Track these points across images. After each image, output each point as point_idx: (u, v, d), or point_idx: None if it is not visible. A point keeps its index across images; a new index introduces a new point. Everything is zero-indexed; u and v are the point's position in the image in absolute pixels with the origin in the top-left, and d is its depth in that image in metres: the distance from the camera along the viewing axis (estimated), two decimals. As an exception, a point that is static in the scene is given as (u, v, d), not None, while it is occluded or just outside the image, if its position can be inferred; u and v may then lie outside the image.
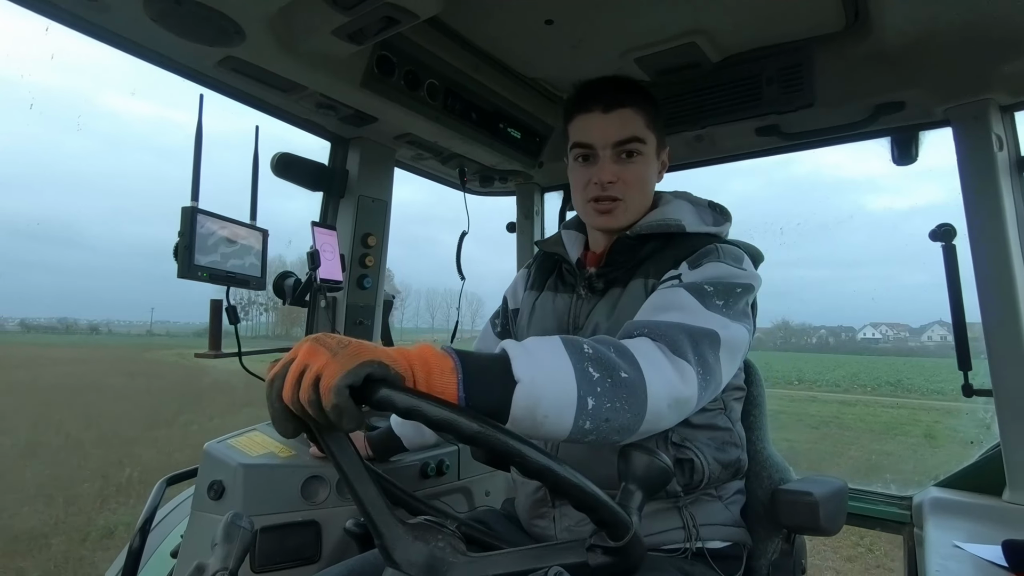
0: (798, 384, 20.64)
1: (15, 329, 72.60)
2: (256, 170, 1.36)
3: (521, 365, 0.66)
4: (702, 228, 1.06)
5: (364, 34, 1.17)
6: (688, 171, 1.87)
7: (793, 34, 1.32)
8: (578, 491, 0.54)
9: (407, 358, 0.62)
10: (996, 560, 1.01)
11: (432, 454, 1.35)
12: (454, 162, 1.85)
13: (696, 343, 0.82)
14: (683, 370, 0.78)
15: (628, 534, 0.54)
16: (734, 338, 0.88)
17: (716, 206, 1.14)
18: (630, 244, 1.07)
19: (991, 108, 1.28)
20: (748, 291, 0.95)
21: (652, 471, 0.59)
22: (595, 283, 1.10)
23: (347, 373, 0.56)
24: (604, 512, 0.54)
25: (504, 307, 1.31)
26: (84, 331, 70.90)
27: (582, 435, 0.69)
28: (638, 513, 0.56)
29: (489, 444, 0.53)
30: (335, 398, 0.55)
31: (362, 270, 1.70)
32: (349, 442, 0.62)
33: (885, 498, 1.53)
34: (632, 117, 1.04)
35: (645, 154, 1.06)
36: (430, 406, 0.55)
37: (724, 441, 1.03)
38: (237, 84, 1.35)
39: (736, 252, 1.00)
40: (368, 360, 0.57)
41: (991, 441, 1.39)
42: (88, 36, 1.16)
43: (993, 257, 1.28)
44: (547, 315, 1.15)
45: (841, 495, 1.08)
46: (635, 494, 0.57)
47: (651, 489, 0.59)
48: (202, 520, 1.13)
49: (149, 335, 67.45)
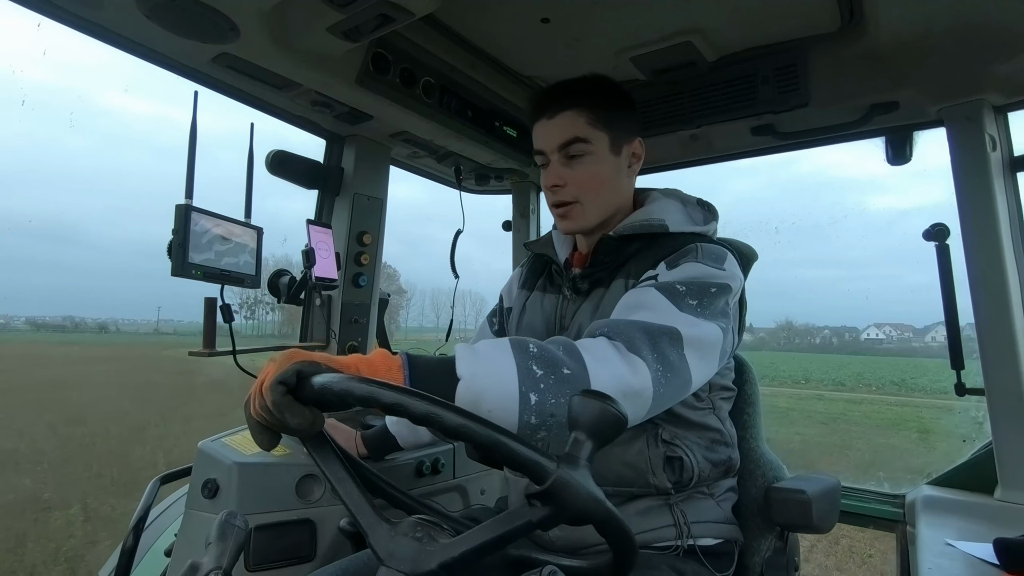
0: (805, 383, 21.15)
1: (23, 327, 71.96)
2: (251, 168, 1.35)
3: (464, 364, 0.71)
4: (687, 228, 1.05)
5: (359, 31, 1.16)
6: (684, 170, 1.88)
7: (788, 34, 1.32)
8: (493, 442, 0.53)
9: (354, 360, 0.68)
10: (988, 558, 1.02)
11: (427, 453, 1.35)
12: (450, 160, 1.84)
13: (654, 340, 0.82)
14: (634, 364, 0.78)
15: (549, 475, 0.52)
16: (703, 336, 0.88)
17: (705, 204, 1.13)
18: (614, 245, 1.06)
19: (984, 108, 1.28)
20: (724, 291, 0.94)
21: (604, 419, 0.56)
22: (579, 284, 1.10)
23: (280, 372, 0.62)
24: (520, 458, 0.53)
25: (500, 305, 1.32)
26: (92, 329, 70.34)
27: (531, 431, 0.72)
28: (586, 463, 0.54)
29: (407, 409, 0.54)
30: (271, 395, 0.61)
31: (357, 268, 1.70)
32: (329, 444, 0.65)
33: (878, 496, 1.54)
34: (573, 118, 1.03)
35: (593, 153, 1.04)
36: (355, 383, 0.57)
37: (714, 440, 1.04)
38: (232, 81, 1.34)
39: (717, 251, 0.99)
40: (301, 360, 0.63)
41: (983, 439, 1.40)
42: (81, 33, 1.15)
43: (986, 257, 1.29)
44: (535, 315, 1.15)
45: (834, 493, 1.09)
46: (584, 444, 0.55)
47: (602, 438, 0.56)
48: (196, 519, 1.13)
49: (156, 333, 66.97)
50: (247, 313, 21.23)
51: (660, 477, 0.97)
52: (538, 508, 0.54)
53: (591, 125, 1.04)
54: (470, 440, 0.54)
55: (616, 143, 1.07)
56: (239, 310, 21.33)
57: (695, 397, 1.00)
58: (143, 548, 1.36)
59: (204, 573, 0.59)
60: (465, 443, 0.56)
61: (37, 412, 8.92)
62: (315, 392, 0.60)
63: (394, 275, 23.86)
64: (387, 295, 1.86)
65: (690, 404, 1.00)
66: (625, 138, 1.08)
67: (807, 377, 23.17)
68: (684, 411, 1.00)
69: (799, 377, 23.03)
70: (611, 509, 0.54)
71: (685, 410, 1.00)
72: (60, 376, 14.36)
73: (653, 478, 0.97)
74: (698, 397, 1.02)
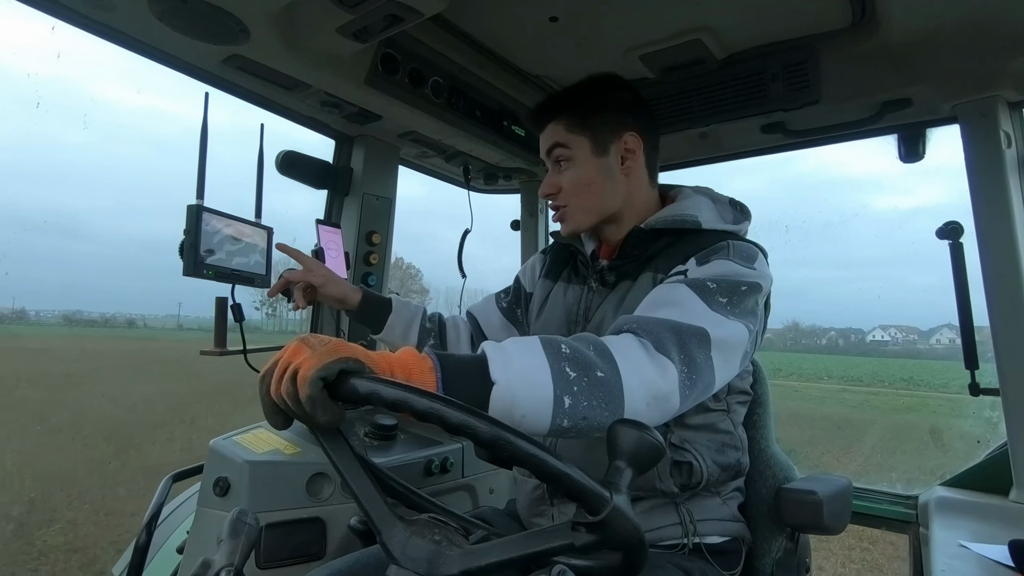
0: (828, 379, 24.76)
1: (58, 321, 72.56)
2: (261, 168, 1.36)
3: (498, 367, 0.69)
4: (719, 225, 1.04)
5: (368, 32, 1.17)
6: (684, 170, 1.86)
7: (799, 31, 1.31)
8: (550, 468, 0.53)
9: (387, 359, 0.65)
10: (1002, 560, 1.01)
11: (436, 451, 1.35)
12: (458, 160, 1.85)
13: (683, 341, 0.81)
14: (663, 367, 0.77)
15: (606, 506, 0.52)
16: (730, 337, 0.86)
17: (737, 204, 1.12)
18: (644, 237, 1.06)
19: (999, 105, 1.27)
20: (755, 290, 0.93)
21: (642, 447, 0.56)
22: (607, 276, 1.10)
23: (322, 367, 0.59)
24: (575, 486, 0.53)
25: (516, 286, 1.32)
26: (122, 325, 70.85)
27: (562, 433, 0.71)
28: (627, 491, 0.54)
29: (475, 432, 0.53)
30: (308, 389, 0.59)
31: (366, 268, 1.70)
32: (344, 440, 0.64)
33: (890, 497, 1.52)
34: (554, 129, 1.09)
35: (574, 158, 1.08)
36: (407, 393, 0.56)
37: (724, 444, 1.03)
38: (242, 82, 1.35)
39: (749, 250, 0.98)
40: (344, 356, 0.60)
41: (997, 440, 1.39)
42: (93, 35, 1.17)
43: (1001, 255, 1.27)
44: (557, 306, 1.15)
45: (845, 494, 1.08)
46: (624, 471, 0.55)
47: (641, 466, 0.56)
48: (208, 516, 1.14)
49: (180, 329, 67.20)
50: (269, 311, 21.31)
51: (667, 482, 0.97)
52: (582, 534, 0.54)
53: (568, 131, 1.08)
54: (507, 452, 0.53)
55: (599, 144, 1.07)
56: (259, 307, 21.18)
57: (712, 399, 0.99)
58: (155, 545, 1.37)
59: (216, 571, 0.60)
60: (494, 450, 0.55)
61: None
62: (357, 395, 0.58)
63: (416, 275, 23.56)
64: (396, 294, 1.86)
65: (705, 406, 0.99)
66: (610, 138, 1.08)
67: (828, 375, 26.75)
68: (697, 414, 0.99)
69: (822, 375, 26.63)
70: (644, 539, 0.54)
71: (699, 412, 0.99)
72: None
73: (660, 483, 0.96)
74: (716, 399, 1.01)
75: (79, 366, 15.50)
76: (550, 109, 1.11)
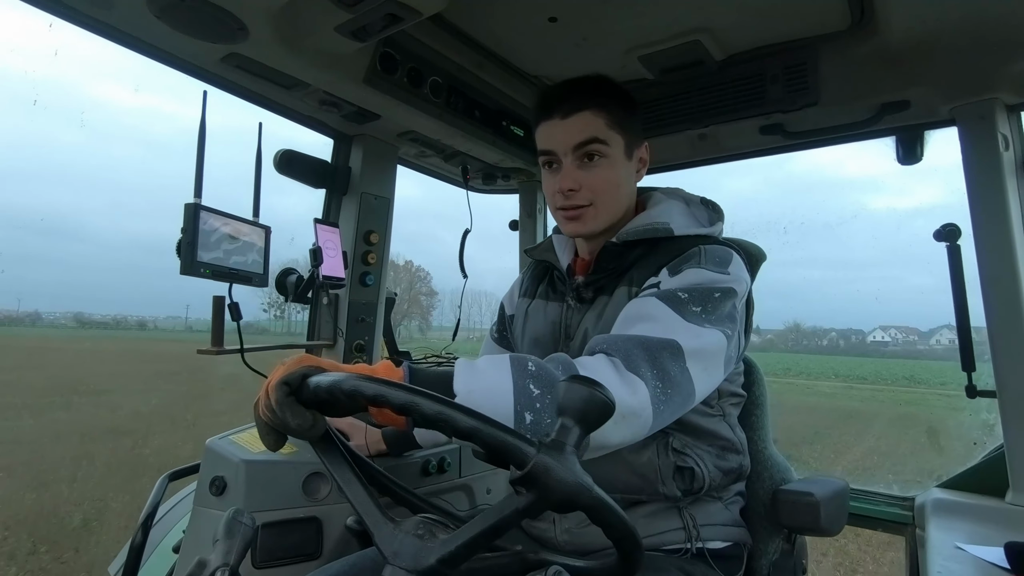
0: (835, 378, 26.12)
1: (70, 323, 72.25)
2: (259, 167, 1.35)
3: (461, 380, 0.72)
4: (692, 230, 1.03)
5: (367, 31, 1.16)
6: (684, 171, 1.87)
7: (797, 33, 1.31)
8: (470, 427, 0.53)
9: (355, 369, 0.68)
10: (998, 562, 1.01)
11: (434, 452, 1.35)
12: (457, 159, 1.84)
13: (654, 356, 0.80)
14: (632, 385, 0.76)
15: (529, 460, 0.51)
16: (707, 346, 0.85)
17: (709, 203, 1.10)
18: (617, 251, 1.04)
19: (997, 107, 1.27)
20: (729, 295, 0.92)
21: (591, 405, 0.54)
22: (583, 292, 1.08)
23: (286, 374, 0.64)
24: (499, 443, 0.53)
25: (501, 314, 1.30)
26: (133, 327, 70.65)
27: None
28: (575, 449, 0.53)
29: (387, 400, 0.55)
30: (274, 394, 0.63)
31: (364, 267, 1.70)
32: (337, 445, 0.66)
33: (887, 498, 1.53)
34: (592, 119, 1.00)
35: (610, 156, 1.01)
36: (357, 380, 0.58)
37: (725, 448, 1.03)
38: (240, 81, 1.35)
39: (722, 254, 0.96)
40: (308, 364, 0.66)
41: (994, 442, 1.39)
42: (92, 33, 1.16)
43: (998, 257, 1.27)
44: (539, 323, 1.13)
45: (842, 495, 1.08)
46: (571, 430, 0.54)
47: (589, 424, 0.54)
48: (204, 516, 1.13)
49: (190, 331, 66.91)
50: (277, 312, 21.25)
51: (670, 486, 0.96)
52: (524, 495, 0.53)
53: (609, 127, 1.01)
54: (449, 426, 0.54)
55: (630, 147, 1.05)
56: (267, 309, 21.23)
57: (706, 404, 0.99)
58: (151, 544, 1.37)
59: (211, 570, 0.60)
60: (470, 442, 0.55)
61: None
62: (315, 393, 0.62)
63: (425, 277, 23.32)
64: (394, 294, 1.86)
65: (701, 412, 0.99)
66: (636, 142, 1.07)
67: (835, 374, 28.09)
68: (695, 419, 0.98)
69: (828, 374, 27.93)
70: (600, 496, 0.53)
71: (696, 418, 0.99)
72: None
73: (663, 487, 0.96)
74: (709, 404, 1.01)
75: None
76: (584, 97, 1.01)
